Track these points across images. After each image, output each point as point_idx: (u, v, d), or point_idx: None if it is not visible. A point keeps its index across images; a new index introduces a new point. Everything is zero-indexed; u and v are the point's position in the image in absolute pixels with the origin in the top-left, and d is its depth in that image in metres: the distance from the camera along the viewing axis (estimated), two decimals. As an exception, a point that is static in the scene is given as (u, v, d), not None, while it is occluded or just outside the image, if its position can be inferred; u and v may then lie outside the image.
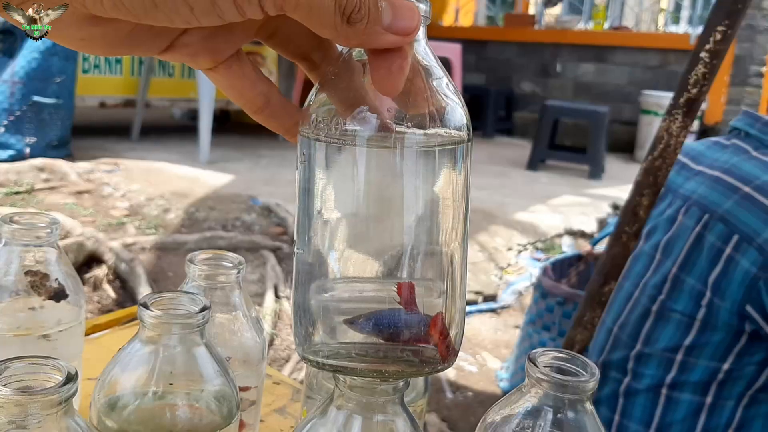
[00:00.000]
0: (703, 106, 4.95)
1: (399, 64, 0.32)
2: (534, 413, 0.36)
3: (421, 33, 0.35)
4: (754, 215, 1.01)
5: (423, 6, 0.33)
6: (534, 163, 4.89)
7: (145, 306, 0.41)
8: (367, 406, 0.36)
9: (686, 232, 1.10)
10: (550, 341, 1.85)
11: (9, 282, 0.52)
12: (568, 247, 3.28)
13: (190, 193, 3.17)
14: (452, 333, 0.35)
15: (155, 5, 0.29)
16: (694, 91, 1.02)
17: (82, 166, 3.40)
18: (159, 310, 0.41)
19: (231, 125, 5.15)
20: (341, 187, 0.35)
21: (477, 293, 2.70)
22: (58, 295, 0.53)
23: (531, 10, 7.59)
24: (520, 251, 3.15)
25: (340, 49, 0.37)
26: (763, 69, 5.31)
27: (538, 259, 3.07)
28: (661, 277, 1.12)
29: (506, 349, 2.33)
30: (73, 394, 0.34)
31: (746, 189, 1.04)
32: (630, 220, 1.07)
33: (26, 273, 0.52)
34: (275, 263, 2.52)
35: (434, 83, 0.35)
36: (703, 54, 1.00)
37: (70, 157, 3.58)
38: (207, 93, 3.99)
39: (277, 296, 2.34)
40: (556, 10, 7.29)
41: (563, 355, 0.37)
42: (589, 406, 0.36)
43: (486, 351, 2.32)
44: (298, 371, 1.99)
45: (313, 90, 0.36)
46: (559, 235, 3.38)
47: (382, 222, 0.35)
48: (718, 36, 0.99)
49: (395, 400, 0.37)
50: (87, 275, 2.28)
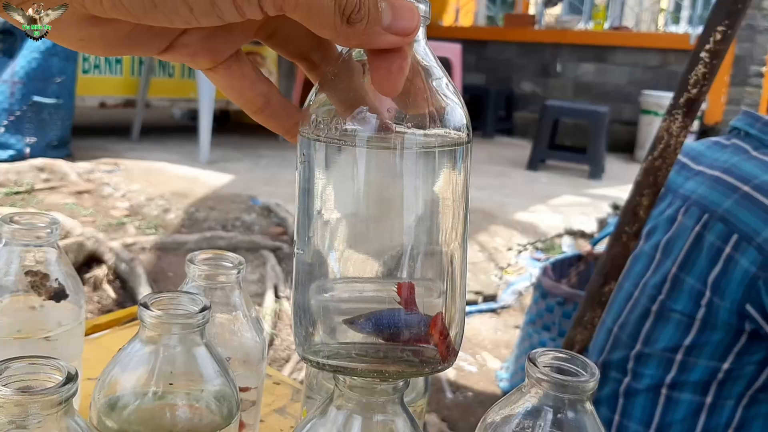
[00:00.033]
0: (703, 106, 4.95)
1: (399, 64, 0.32)
2: (534, 413, 0.36)
3: (420, 33, 0.35)
4: (754, 214, 1.01)
5: (423, 6, 0.33)
6: (534, 163, 4.89)
7: (146, 306, 0.41)
8: (367, 406, 0.36)
9: (686, 231, 1.10)
10: (550, 341, 1.85)
11: (9, 282, 0.52)
12: (568, 247, 3.28)
13: (190, 193, 3.17)
14: (452, 333, 0.35)
15: (155, 5, 0.29)
16: (694, 91, 1.02)
17: (82, 166, 3.40)
18: (159, 310, 0.41)
19: (231, 125, 5.15)
20: (341, 187, 0.35)
21: (477, 293, 2.70)
22: (58, 295, 0.53)
23: (531, 10, 7.59)
24: (520, 251, 3.15)
25: (339, 49, 0.37)
26: (763, 69, 5.31)
27: (538, 259, 3.07)
28: (661, 277, 1.12)
29: (506, 349, 2.33)
30: (73, 394, 0.34)
31: (746, 188, 1.04)
32: (630, 220, 1.07)
33: (26, 273, 0.52)
34: (275, 263, 2.52)
35: (434, 83, 0.35)
36: (703, 54, 1.00)
37: (70, 157, 3.58)
38: (207, 93, 3.99)
39: (277, 296, 2.34)
40: (556, 10, 7.29)
41: (563, 355, 0.37)
42: (589, 406, 0.36)
43: (486, 351, 2.32)
44: (298, 371, 1.99)
45: (313, 90, 0.36)
46: (559, 235, 3.38)
47: (382, 222, 0.35)
48: (718, 36, 0.99)
49: (395, 400, 0.37)
50: (87, 275, 2.28)
